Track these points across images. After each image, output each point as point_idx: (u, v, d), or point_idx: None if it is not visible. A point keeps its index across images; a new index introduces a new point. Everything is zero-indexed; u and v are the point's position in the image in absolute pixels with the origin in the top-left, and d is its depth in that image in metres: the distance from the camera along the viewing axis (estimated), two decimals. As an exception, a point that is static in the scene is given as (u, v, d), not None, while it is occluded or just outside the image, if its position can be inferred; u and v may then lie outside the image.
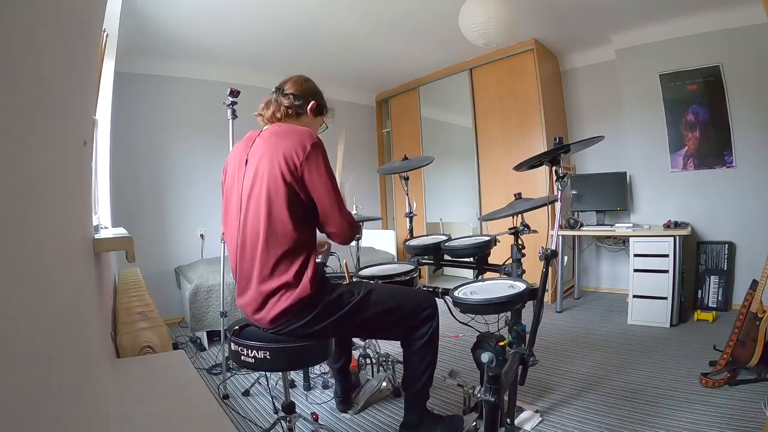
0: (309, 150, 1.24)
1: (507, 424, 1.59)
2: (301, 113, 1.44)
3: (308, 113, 1.46)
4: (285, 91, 1.43)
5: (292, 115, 1.43)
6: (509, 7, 2.49)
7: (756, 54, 2.99)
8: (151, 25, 2.90)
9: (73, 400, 0.55)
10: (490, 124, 4.03)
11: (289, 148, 1.24)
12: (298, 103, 1.43)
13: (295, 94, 1.43)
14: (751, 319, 1.95)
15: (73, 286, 0.67)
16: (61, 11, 0.57)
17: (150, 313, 1.66)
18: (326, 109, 1.54)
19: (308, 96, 1.46)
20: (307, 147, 1.24)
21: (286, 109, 1.41)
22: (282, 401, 1.49)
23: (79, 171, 0.90)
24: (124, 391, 1.17)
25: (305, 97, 1.45)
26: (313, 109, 1.46)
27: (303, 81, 1.48)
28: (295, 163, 1.23)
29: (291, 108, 1.42)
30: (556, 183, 1.51)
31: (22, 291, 0.37)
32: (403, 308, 1.43)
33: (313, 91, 1.49)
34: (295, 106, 1.42)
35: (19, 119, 0.38)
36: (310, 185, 1.25)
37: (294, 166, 1.23)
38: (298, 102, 1.43)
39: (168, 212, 3.66)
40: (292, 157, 1.23)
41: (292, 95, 1.42)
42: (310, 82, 1.50)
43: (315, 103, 1.46)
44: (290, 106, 1.42)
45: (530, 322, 1.52)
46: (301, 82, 1.47)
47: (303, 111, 1.45)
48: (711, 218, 3.24)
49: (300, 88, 1.45)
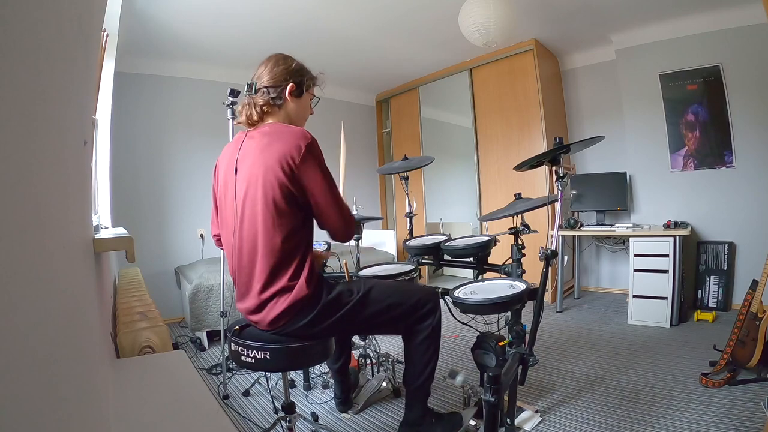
0: (304, 151, 1.20)
1: (507, 424, 1.59)
2: (281, 104, 1.33)
3: (288, 99, 1.34)
4: (257, 87, 1.32)
5: (272, 111, 1.33)
6: (509, 7, 2.49)
7: (756, 54, 2.99)
8: (151, 25, 2.90)
9: (73, 400, 0.55)
10: (490, 124, 4.03)
11: (282, 151, 1.20)
12: (275, 95, 1.31)
13: (268, 86, 1.31)
14: (751, 319, 1.95)
15: (73, 286, 0.67)
16: (61, 11, 0.57)
17: (150, 313, 1.66)
18: (311, 81, 1.40)
19: (284, 80, 1.33)
20: (302, 148, 1.20)
21: (261, 108, 1.31)
22: (282, 401, 1.49)
23: (79, 171, 0.90)
24: (124, 391, 1.17)
25: (281, 84, 1.32)
26: (292, 92, 1.34)
27: (274, 65, 1.34)
28: (291, 166, 1.19)
29: (266, 105, 1.32)
30: (556, 183, 1.52)
31: (21, 291, 0.37)
32: (404, 303, 1.41)
33: (289, 72, 1.34)
34: (271, 99, 1.31)
35: (19, 119, 0.38)
36: (307, 187, 1.22)
37: (289, 170, 1.19)
38: (274, 93, 1.31)
39: (168, 212, 3.66)
40: (287, 161, 1.19)
41: (265, 89, 1.31)
42: (284, 62, 1.35)
43: (293, 85, 1.33)
44: (265, 103, 1.31)
45: (530, 322, 1.52)
46: (272, 68, 1.33)
47: (282, 100, 1.33)
48: (711, 218, 3.24)
49: (273, 77, 1.32)
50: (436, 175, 4.58)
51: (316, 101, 1.48)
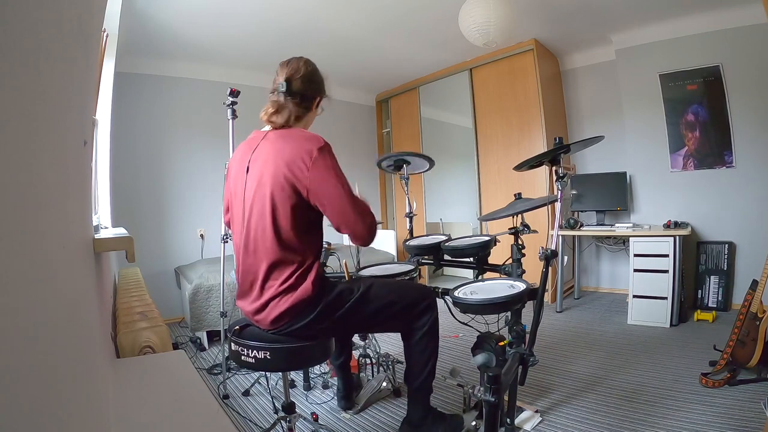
0: (316, 155, 1.20)
1: (507, 424, 1.59)
2: (305, 113, 1.39)
3: (313, 110, 1.42)
4: (293, 90, 1.34)
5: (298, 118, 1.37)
6: (509, 7, 2.49)
7: (756, 54, 2.99)
8: (151, 25, 2.90)
9: (73, 400, 0.55)
10: (490, 124, 4.03)
11: (295, 154, 1.21)
12: (306, 105, 1.37)
13: (303, 94, 1.35)
14: (751, 319, 1.95)
15: (73, 286, 0.67)
16: (61, 11, 0.57)
17: (150, 313, 1.66)
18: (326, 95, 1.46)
19: (315, 93, 1.39)
20: (314, 153, 1.20)
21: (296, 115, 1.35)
22: (282, 401, 1.49)
23: (79, 171, 0.90)
24: (124, 391, 1.17)
25: (313, 95, 1.39)
26: (317, 104, 1.42)
27: (309, 75, 1.37)
28: (302, 169, 1.19)
29: (299, 115, 1.36)
30: (556, 183, 1.52)
31: (21, 291, 0.37)
32: (402, 300, 1.43)
33: (320, 86, 1.41)
34: (303, 108, 1.37)
35: (19, 119, 0.38)
36: (321, 191, 1.21)
37: (301, 173, 1.19)
38: (306, 104, 1.37)
39: (168, 212, 3.66)
40: (299, 165, 1.19)
41: (300, 96, 1.34)
42: (316, 74, 1.41)
43: (320, 99, 1.42)
44: (299, 114, 1.35)
45: (530, 322, 1.52)
46: (307, 77, 1.37)
47: (309, 110, 1.40)
48: (711, 218, 3.24)
49: (307, 86, 1.36)
50: (436, 175, 4.57)
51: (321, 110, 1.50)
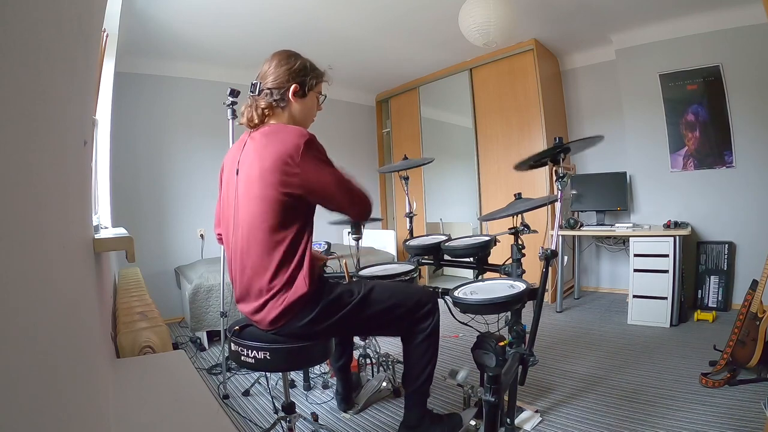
0: (303, 149, 1.18)
1: (507, 424, 1.59)
2: (284, 105, 1.31)
3: (292, 100, 1.32)
4: (261, 88, 1.30)
5: (275, 113, 1.32)
6: (509, 7, 2.49)
7: (756, 54, 2.99)
8: (151, 25, 2.90)
9: (73, 400, 0.55)
10: (490, 124, 4.03)
11: (281, 151, 1.19)
12: (278, 97, 1.29)
13: (272, 87, 1.29)
14: (751, 319, 1.95)
15: (73, 286, 0.67)
16: (61, 11, 0.57)
17: (150, 313, 1.66)
18: (315, 79, 1.36)
19: (287, 82, 1.30)
20: (300, 147, 1.18)
21: (263, 110, 1.29)
22: (282, 401, 1.49)
23: (79, 171, 0.90)
24: (124, 391, 1.17)
25: (284, 85, 1.30)
26: (295, 93, 1.31)
27: (278, 65, 1.31)
28: (290, 165, 1.18)
29: (268, 107, 1.30)
30: (556, 183, 1.52)
31: (21, 291, 0.37)
32: (404, 305, 1.42)
33: (291, 72, 1.31)
34: (274, 101, 1.29)
35: (19, 119, 0.38)
36: (313, 182, 1.20)
37: (289, 169, 1.18)
38: (277, 95, 1.29)
39: (168, 212, 3.66)
40: (286, 161, 1.17)
41: (268, 90, 1.29)
42: (287, 62, 1.32)
43: (296, 87, 1.31)
44: (267, 105, 1.29)
45: (530, 322, 1.52)
46: (275, 69, 1.30)
47: (285, 102, 1.31)
48: (711, 218, 3.24)
49: (276, 78, 1.29)
50: (436, 175, 4.58)
51: (323, 98, 1.45)
